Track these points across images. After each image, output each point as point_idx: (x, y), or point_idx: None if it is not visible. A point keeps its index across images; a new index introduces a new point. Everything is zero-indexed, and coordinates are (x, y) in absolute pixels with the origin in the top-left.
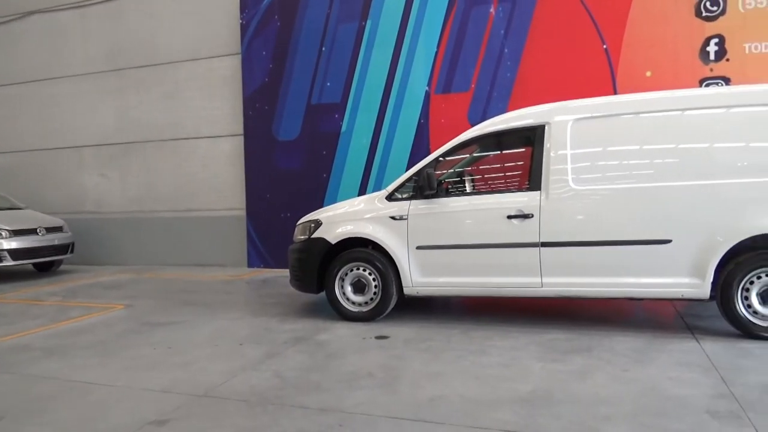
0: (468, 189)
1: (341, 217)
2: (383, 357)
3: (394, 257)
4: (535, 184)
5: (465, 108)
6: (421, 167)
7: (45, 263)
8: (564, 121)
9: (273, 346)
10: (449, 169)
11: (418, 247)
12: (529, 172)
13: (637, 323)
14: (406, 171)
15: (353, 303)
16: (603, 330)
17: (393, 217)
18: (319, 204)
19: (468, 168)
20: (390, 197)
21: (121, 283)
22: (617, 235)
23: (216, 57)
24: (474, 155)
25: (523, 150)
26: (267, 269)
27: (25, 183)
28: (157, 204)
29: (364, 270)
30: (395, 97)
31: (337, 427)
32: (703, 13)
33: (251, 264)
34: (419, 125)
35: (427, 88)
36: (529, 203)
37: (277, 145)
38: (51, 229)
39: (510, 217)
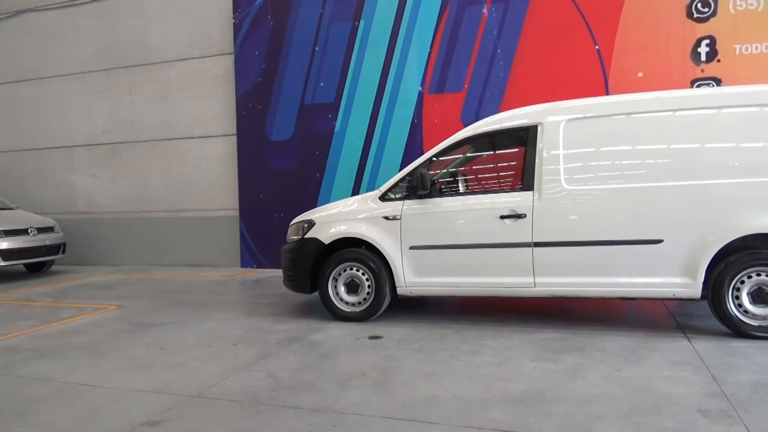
0: (461, 189)
1: (334, 218)
2: (376, 357)
3: (387, 257)
4: (528, 184)
5: (458, 108)
6: (415, 167)
7: (36, 264)
8: (557, 122)
9: (266, 346)
10: (443, 169)
11: (411, 247)
12: (522, 172)
13: (630, 323)
14: (399, 171)
15: (346, 303)
16: (595, 329)
17: (386, 217)
18: (313, 204)
19: (461, 168)
20: (383, 197)
21: (113, 284)
22: (609, 235)
23: (208, 57)
24: (467, 155)
25: (516, 150)
26: (260, 269)
27: (16, 183)
28: (150, 204)
29: (357, 270)
30: (388, 98)
31: (331, 428)
32: (695, 15)
33: (244, 264)
34: (412, 125)
35: (421, 88)
36: (522, 203)
37: (270, 145)
38: (42, 230)
39: (503, 217)
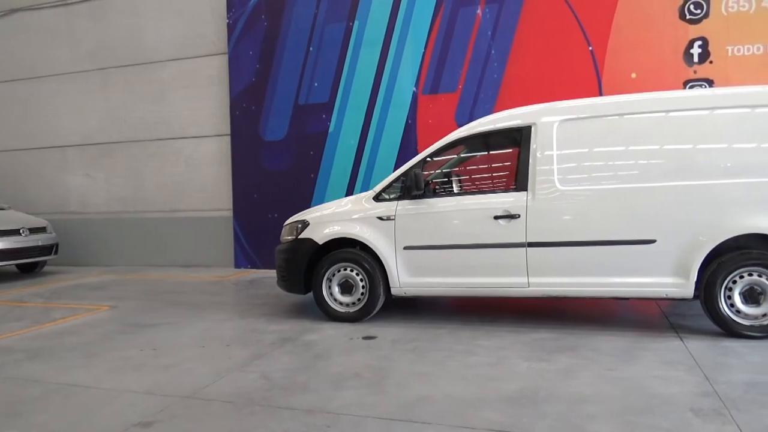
0: (455, 189)
1: (329, 218)
2: (370, 357)
3: (381, 258)
4: (522, 184)
5: (452, 108)
6: (409, 167)
7: (28, 264)
8: (550, 122)
9: (260, 347)
10: (437, 170)
11: (405, 248)
12: (516, 172)
13: (623, 322)
14: (393, 171)
15: (340, 303)
16: (589, 329)
17: (380, 218)
18: (307, 204)
19: (455, 168)
20: (377, 198)
21: (106, 284)
22: (603, 236)
23: (202, 56)
24: (461, 156)
25: (510, 151)
26: (254, 270)
27: (8, 183)
28: (143, 204)
29: (351, 270)
30: (383, 98)
31: (325, 428)
32: (687, 16)
33: (238, 265)
34: (407, 125)
35: (415, 88)
36: (516, 204)
37: (265, 146)
38: (34, 230)
39: (497, 218)
